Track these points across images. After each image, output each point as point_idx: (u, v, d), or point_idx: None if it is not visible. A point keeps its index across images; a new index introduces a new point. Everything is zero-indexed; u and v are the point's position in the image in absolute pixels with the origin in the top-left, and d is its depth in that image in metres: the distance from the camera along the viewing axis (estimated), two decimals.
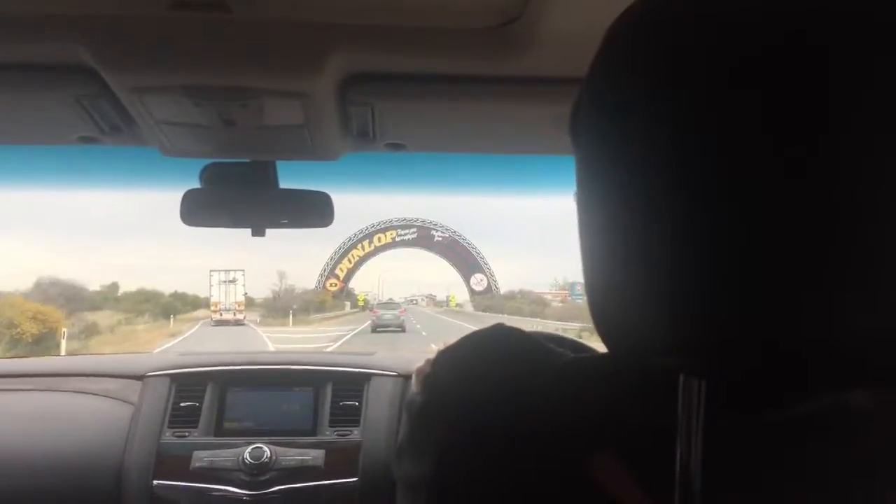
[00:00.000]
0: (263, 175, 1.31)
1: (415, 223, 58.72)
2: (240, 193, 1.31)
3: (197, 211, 1.31)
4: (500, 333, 0.55)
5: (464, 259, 59.39)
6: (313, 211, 1.37)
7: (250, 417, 1.83)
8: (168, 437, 1.77)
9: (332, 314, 44.78)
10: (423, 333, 25.41)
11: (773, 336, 0.36)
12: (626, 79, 0.40)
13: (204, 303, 39.56)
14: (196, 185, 1.31)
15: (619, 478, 0.41)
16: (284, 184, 1.34)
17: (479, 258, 59.45)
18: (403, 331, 27.88)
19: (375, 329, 28.25)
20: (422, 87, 1.04)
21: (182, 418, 1.81)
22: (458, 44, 0.95)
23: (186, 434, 1.78)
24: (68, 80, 0.99)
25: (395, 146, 1.24)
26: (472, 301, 56.88)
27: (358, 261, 58.95)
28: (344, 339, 22.44)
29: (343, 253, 57.43)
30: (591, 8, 0.82)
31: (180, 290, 49.17)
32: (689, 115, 0.36)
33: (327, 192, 1.37)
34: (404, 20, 0.92)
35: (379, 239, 58.81)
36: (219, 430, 1.81)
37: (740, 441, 0.41)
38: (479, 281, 58.37)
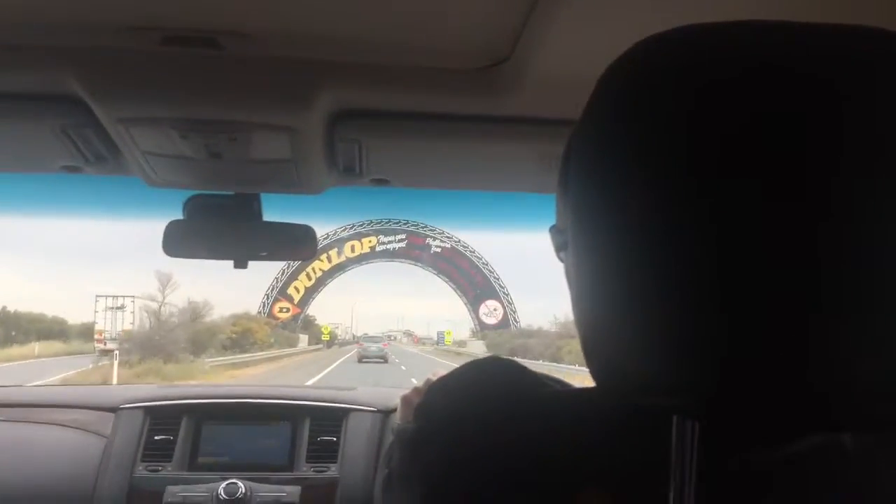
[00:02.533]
0: (247, 207, 1.31)
1: (405, 227, 41.71)
2: (223, 225, 1.31)
3: (179, 242, 1.30)
4: (495, 364, 0.55)
5: (470, 279, 42.82)
6: (296, 244, 1.37)
7: (226, 452, 1.80)
8: (141, 471, 1.73)
9: (259, 355, 28.59)
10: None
11: (773, 379, 0.37)
12: (616, 126, 0.42)
13: (82, 330, 29.59)
14: (179, 216, 1.31)
15: None
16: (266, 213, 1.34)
17: (493, 279, 42.87)
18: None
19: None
20: (409, 125, 1.05)
21: (155, 452, 1.77)
22: (446, 83, 0.96)
23: (160, 468, 1.74)
24: (55, 110, 0.99)
25: (380, 181, 1.25)
26: (481, 337, 41.26)
27: (321, 276, 42.16)
28: None
29: (300, 266, 39.69)
30: (577, 52, 0.84)
31: (33, 310, 33.43)
32: (677, 163, 0.38)
33: (308, 222, 1.37)
34: (394, 59, 0.93)
35: (353, 248, 42.10)
36: (193, 465, 1.78)
37: (732, 482, 0.41)
38: (491, 310, 42.64)
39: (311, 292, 42.66)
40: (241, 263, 1.35)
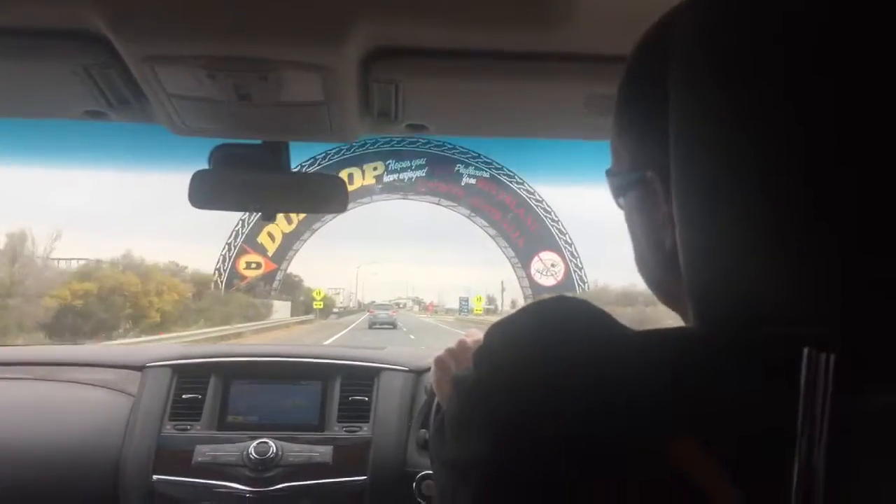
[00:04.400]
0: (276, 157, 1.26)
1: (425, 149, 28.84)
2: (251, 176, 1.26)
3: (206, 193, 1.26)
4: (562, 303, 0.50)
5: (519, 223, 30.17)
6: (326, 195, 1.33)
7: (255, 411, 1.78)
8: (169, 430, 1.72)
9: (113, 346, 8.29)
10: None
11: None
12: (733, 43, 0.40)
13: None
14: (205, 166, 1.26)
15: (705, 466, 0.37)
16: None
17: (550, 222, 29.98)
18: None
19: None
20: (450, 64, 0.99)
21: (184, 411, 1.75)
22: (492, 16, 0.90)
23: (188, 427, 1.73)
24: (77, 48, 0.93)
25: (417, 127, 1.19)
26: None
27: (306, 219, 28.84)
28: None
29: None
30: None
31: None
32: (806, 75, 0.36)
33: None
34: None
35: (351, 178, 28.21)
36: (222, 424, 1.76)
37: (862, 424, 0.37)
38: (548, 266, 30.04)
39: (291, 241, 29.83)
40: (269, 216, 1.31)
